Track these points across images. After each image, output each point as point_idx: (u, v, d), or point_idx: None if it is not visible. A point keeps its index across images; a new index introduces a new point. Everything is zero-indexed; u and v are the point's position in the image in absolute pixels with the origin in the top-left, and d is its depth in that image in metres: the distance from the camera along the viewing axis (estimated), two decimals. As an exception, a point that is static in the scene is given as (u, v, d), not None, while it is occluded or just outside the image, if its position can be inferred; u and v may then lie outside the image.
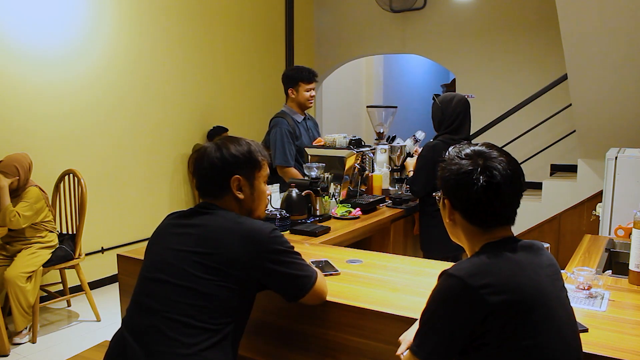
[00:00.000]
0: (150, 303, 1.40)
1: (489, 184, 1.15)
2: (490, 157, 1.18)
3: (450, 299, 1.11)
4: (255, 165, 1.54)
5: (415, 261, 2.02)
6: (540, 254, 1.22)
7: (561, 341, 1.13)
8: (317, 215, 2.69)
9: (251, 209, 1.55)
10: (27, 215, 3.13)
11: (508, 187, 1.16)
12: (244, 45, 5.45)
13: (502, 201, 1.17)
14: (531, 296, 1.10)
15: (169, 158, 4.67)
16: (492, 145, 1.24)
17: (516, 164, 1.20)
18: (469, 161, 1.18)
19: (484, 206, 1.17)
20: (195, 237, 1.42)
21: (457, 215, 1.23)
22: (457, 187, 1.19)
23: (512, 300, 1.08)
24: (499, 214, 1.19)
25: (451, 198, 1.23)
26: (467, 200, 1.19)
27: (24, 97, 3.61)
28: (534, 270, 1.15)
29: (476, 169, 1.16)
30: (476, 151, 1.21)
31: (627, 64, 3.55)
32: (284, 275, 1.43)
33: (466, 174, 1.17)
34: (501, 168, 1.16)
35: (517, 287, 1.10)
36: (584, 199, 4.33)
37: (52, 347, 3.16)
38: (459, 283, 1.10)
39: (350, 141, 3.05)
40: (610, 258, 2.30)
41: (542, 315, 1.10)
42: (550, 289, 1.15)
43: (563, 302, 1.19)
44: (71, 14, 3.86)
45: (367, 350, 1.50)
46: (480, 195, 1.16)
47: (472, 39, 5.72)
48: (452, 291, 1.11)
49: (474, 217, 1.20)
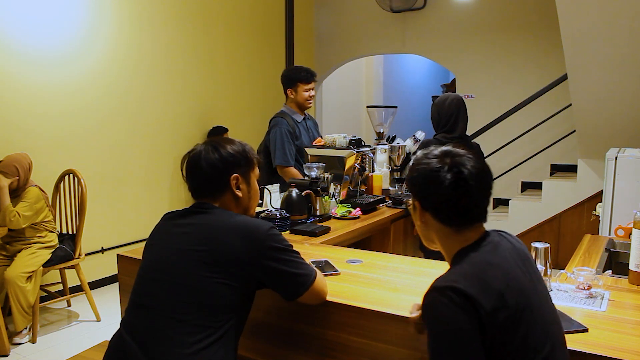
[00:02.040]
0: (149, 303, 1.41)
1: (457, 180, 1.15)
2: (458, 155, 1.18)
3: (452, 311, 1.07)
4: (251, 164, 1.57)
5: (415, 261, 2.01)
6: (512, 248, 1.21)
7: (545, 335, 1.13)
8: (317, 215, 2.69)
9: (247, 207, 1.57)
10: (27, 215, 3.13)
11: (476, 184, 1.16)
12: (244, 45, 5.45)
13: (471, 198, 1.16)
14: (517, 299, 1.10)
15: (169, 158, 4.67)
16: (460, 146, 1.24)
17: (484, 163, 1.21)
18: (437, 159, 1.19)
19: (453, 204, 1.16)
20: (193, 236, 1.42)
21: (428, 217, 1.22)
22: (425, 185, 1.19)
23: (501, 306, 1.08)
24: (469, 212, 1.18)
25: (420, 199, 1.22)
26: (437, 198, 1.18)
27: (24, 97, 3.61)
28: (514, 270, 1.15)
29: (444, 167, 1.16)
30: (444, 151, 1.21)
31: (627, 64, 3.55)
32: (282, 273, 1.43)
33: (434, 172, 1.17)
34: (469, 165, 1.16)
35: (507, 295, 1.09)
36: (584, 199, 4.34)
37: (52, 347, 3.16)
38: (452, 292, 1.07)
39: (350, 141, 3.05)
40: (610, 258, 2.30)
41: (527, 314, 1.10)
42: (528, 284, 1.15)
43: (542, 295, 1.19)
44: (71, 14, 3.86)
45: (367, 350, 1.50)
46: (449, 191, 1.15)
47: (472, 39, 5.72)
48: (449, 302, 1.07)
49: (445, 217, 1.19)
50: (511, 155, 5.26)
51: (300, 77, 3.25)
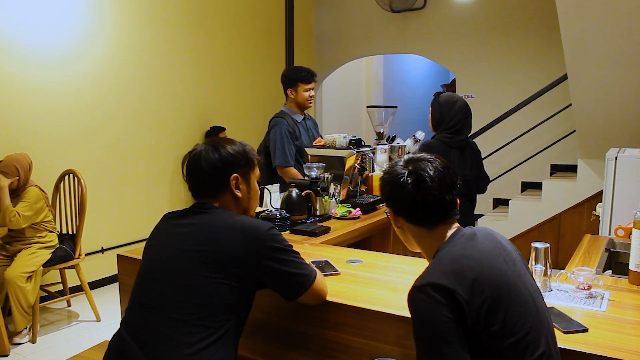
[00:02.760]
0: (149, 303, 1.41)
1: (417, 182, 1.27)
2: (419, 161, 1.32)
3: (433, 306, 1.13)
4: (251, 164, 1.57)
5: (415, 261, 2.01)
6: (489, 239, 1.27)
7: (526, 316, 1.16)
8: (317, 215, 2.69)
9: (247, 207, 1.57)
10: (27, 215, 3.13)
11: (436, 184, 1.27)
12: (243, 45, 5.45)
13: (434, 197, 1.27)
14: (496, 286, 1.16)
15: (169, 158, 4.68)
16: (427, 155, 1.35)
17: (445, 166, 1.32)
18: (402, 167, 1.32)
19: (419, 204, 1.28)
20: (193, 236, 1.42)
21: (401, 221, 1.34)
22: (392, 192, 1.32)
23: (481, 297, 1.13)
24: (435, 210, 1.29)
25: (391, 205, 1.35)
26: (403, 202, 1.30)
27: (24, 97, 3.61)
28: (489, 259, 1.21)
29: (405, 173, 1.30)
30: (409, 159, 1.34)
31: (627, 64, 3.55)
32: (282, 273, 1.43)
33: (398, 179, 1.30)
34: (428, 169, 1.29)
35: (482, 282, 1.15)
36: (584, 199, 4.34)
37: (52, 347, 3.16)
38: (432, 288, 1.14)
39: (350, 141, 3.05)
40: (610, 258, 2.30)
41: (507, 299, 1.15)
42: (505, 267, 1.21)
43: (524, 279, 1.23)
44: (71, 14, 3.86)
45: (367, 350, 1.50)
46: (412, 194, 1.28)
47: (472, 39, 5.72)
48: (429, 298, 1.14)
49: (415, 218, 1.31)
50: (511, 155, 5.26)
51: (300, 77, 3.25)
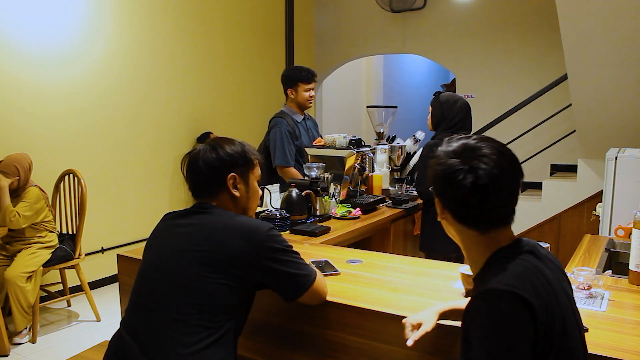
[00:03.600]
0: (149, 303, 1.41)
1: (474, 185, 1.07)
2: (478, 156, 1.09)
3: (513, 315, 1.00)
4: (250, 164, 1.57)
5: (415, 261, 2.01)
6: (545, 254, 1.16)
7: (581, 341, 1.12)
8: (317, 215, 2.69)
9: (246, 208, 1.57)
10: (27, 215, 3.13)
11: (497, 188, 1.07)
12: (243, 45, 5.45)
13: (491, 203, 1.08)
14: (561, 307, 1.06)
15: (169, 158, 4.67)
16: (485, 139, 1.14)
17: (508, 161, 1.10)
18: (456, 160, 1.10)
19: (473, 208, 1.09)
20: (193, 236, 1.43)
21: (447, 215, 1.16)
22: (444, 187, 1.13)
23: (551, 315, 1.03)
24: (490, 216, 1.10)
25: (441, 197, 1.16)
26: (455, 201, 1.12)
27: (24, 97, 3.61)
28: (553, 278, 1.09)
29: (462, 169, 1.08)
30: (465, 146, 1.12)
31: (627, 64, 3.55)
32: (282, 274, 1.43)
33: (452, 174, 1.09)
34: (488, 168, 1.07)
35: (550, 301, 1.04)
36: (584, 199, 4.33)
37: (52, 347, 3.16)
38: (515, 296, 1.00)
39: (350, 141, 3.05)
40: (610, 258, 2.29)
41: (570, 322, 1.07)
42: (564, 299, 1.10)
43: (573, 307, 1.15)
44: (71, 14, 3.86)
45: (367, 350, 1.50)
46: (467, 197, 1.08)
47: (472, 39, 5.72)
48: (510, 305, 1.00)
49: (465, 219, 1.13)
50: (511, 155, 5.25)
51: (301, 77, 3.25)
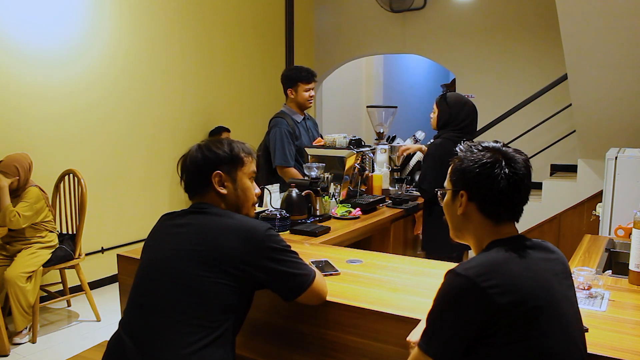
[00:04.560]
0: (147, 303, 1.41)
1: (513, 175, 1.18)
2: (508, 152, 1.22)
3: (458, 299, 1.11)
4: (237, 162, 1.55)
5: (415, 261, 2.01)
6: (550, 252, 1.23)
7: (567, 340, 1.14)
8: (317, 215, 2.69)
9: (237, 205, 1.55)
10: (27, 215, 3.13)
11: (527, 181, 1.21)
12: (243, 45, 5.45)
13: (521, 195, 1.21)
14: (539, 297, 1.11)
15: (169, 158, 4.67)
16: (504, 145, 1.26)
17: (528, 166, 1.24)
18: (490, 154, 1.21)
19: (504, 198, 1.19)
20: (190, 236, 1.43)
21: (471, 208, 1.23)
22: (479, 178, 1.20)
23: (520, 300, 1.09)
24: (515, 207, 1.22)
25: (471, 189, 1.22)
26: (489, 192, 1.20)
27: (24, 97, 3.60)
28: (541, 270, 1.16)
29: (500, 162, 1.19)
30: (493, 147, 1.24)
31: (627, 64, 3.55)
32: (281, 274, 1.43)
33: (490, 166, 1.19)
34: (521, 162, 1.20)
35: (525, 287, 1.10)
36: (584, 199, 4.33)
37: (52, 347, 3.16)
38: (467, 283, 1.10)
39: (350, 141, 3.05)
40: (610, 258, 2.29)
41: (549, 315, 1.11)
42: (557, 287, 1.16)
43: (570, 301, 1.20)
44: (71, 14, 3.86)
45: (367, 350, 1.50)
46: (504, 187, 1.18)
47: (472, 39, 5.72)
48: (459, 291, 1.11)
49: (491, 210, 1.21)
50: (511, 155, 5.25)
51: (301, 76, 3.25)
